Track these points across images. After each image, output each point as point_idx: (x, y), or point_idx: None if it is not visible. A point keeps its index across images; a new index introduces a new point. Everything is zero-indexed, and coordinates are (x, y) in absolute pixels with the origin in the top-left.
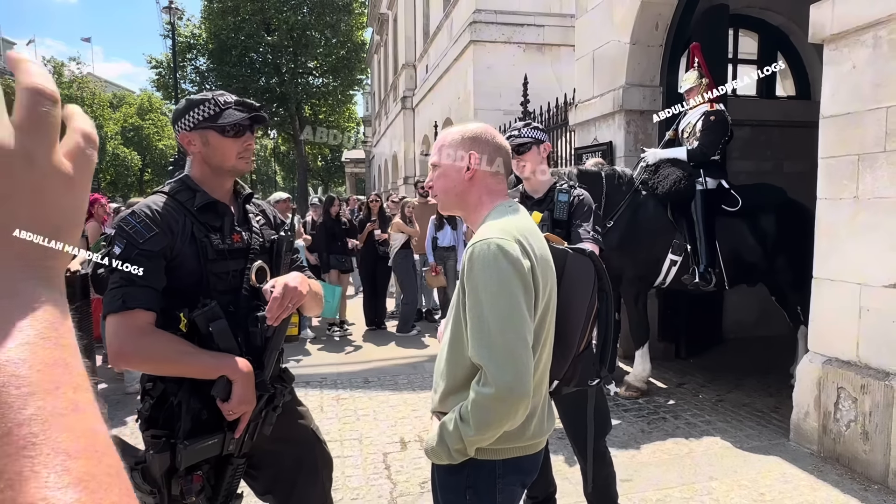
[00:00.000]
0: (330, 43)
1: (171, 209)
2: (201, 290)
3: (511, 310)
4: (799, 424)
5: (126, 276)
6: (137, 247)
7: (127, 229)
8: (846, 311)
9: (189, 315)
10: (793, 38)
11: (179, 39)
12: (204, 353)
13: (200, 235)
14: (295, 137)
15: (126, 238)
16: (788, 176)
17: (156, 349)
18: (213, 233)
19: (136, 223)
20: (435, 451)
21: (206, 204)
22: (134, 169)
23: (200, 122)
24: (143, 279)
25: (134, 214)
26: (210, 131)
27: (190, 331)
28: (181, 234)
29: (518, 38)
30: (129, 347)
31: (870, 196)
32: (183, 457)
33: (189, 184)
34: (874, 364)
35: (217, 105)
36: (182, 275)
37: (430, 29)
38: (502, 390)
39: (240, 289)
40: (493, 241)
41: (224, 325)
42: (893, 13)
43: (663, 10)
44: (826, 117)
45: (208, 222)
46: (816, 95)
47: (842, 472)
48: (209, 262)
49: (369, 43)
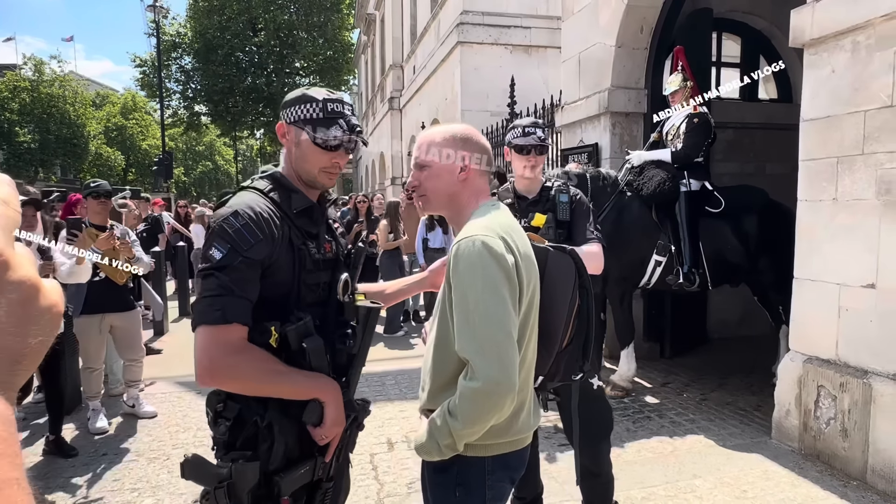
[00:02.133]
0: (317, 43)
1: (272, 212)
2: (290, 301)
3: (496, 305)
4: (780, 422)
5: (225, 284)
6: (241, 254)
7: (230, 232)
8: (826, 310)
9: (281, 329)
10: (775, 41)
11: (164, 38)
12: (297, 374)
13: (298, 243)
14: None
15: (229, 242)
16: (771, 178)
17: (250, 368)
18: (310, 240)
19: (241, 227)
20: (424, 447)
21: (306, 208)
22: (117, 169)
23: (300, 119)
24: (242, 290)
25: (237, 216)
26: (304, 133)
27: (279, 346)
28: (280, 240)
29: (505, 40)
30: (222, 365)
31: (848, 198)
32: (281, 487)
33: (284, 182)
34: (853, 363)
35: (324, 111)
36: (274, 284)
37: (417, 30)
38: (489, 384)
39: (327, 302)
40: (477, 237)
41: (320, 344)
42: (871, 19)
43: (648, 13)
44: (806, 120)
45: (305, 228)
46: (798, 98)
47: (822, 469)
48: (304, 273)
49: (356, 43)
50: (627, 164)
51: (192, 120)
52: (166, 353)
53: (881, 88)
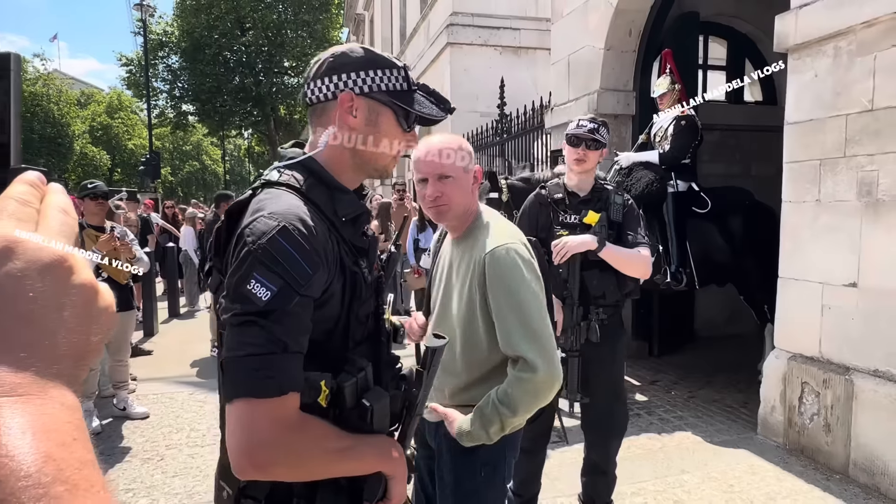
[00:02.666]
0: (306, 42)
1: (319, 223)
2: (335, 340)
3: (539, 305)
4: (766, 418)
5: (276, 337)
6: (298, 292)
7: (281, 260)
8: (809, 309)
9: (333, 383)
10: (760, 45)
11: (151, 37)
12: (363, 445)
13: (349, 263)
14: (270, 138)
15: (282, 276)
16: (756, 179)
17: (312, 450)
18: (362, 257)
19: (295, 251)
20: (471, 435)
21: (357, 215)
22: (103, 169)
23: (380, 90)
24: (297, 342)
25: (287, 235)
26: (387, 110)
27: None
28: (332, 263)
29: (494, 41)
30: (276, 451)
31: (830, 199)
32: None
33: (326, 178)
34: (835, 359)
35: (408, 81)
36: (321, 320)
37: (406, 31)
38: (546, 376)
39: (378, 336)
40: (509, 246)
41: (386, 401)
42: (852, 25)
43: (636, 17)
44: (790, 123)
45: (353, 241)
46: (782, 101)
47: (806, 464)
48: (357, 303)
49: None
50: (616, 165)
51: (179, 119)
52: (157, 354)
53: (862, 93)
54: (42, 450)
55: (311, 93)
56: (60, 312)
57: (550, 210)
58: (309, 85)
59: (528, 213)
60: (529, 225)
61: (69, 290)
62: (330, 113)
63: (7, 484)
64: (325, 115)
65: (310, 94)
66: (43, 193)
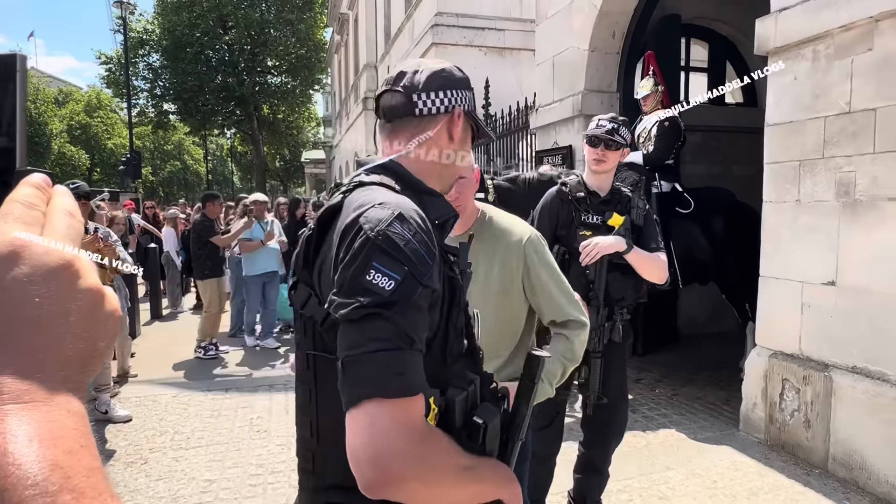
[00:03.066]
0: (289, 41)
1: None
2: (434, 354)
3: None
4: (748, 415)
5: (402, 331)
6: (420, 282)
7: (403, 247)
8: (789, 307)
9: (441, 400)
10: (740, 48)
11: (131, 35)
12: (482, 466)
13: (446, 268)
14: (253, 137)
15: (405, 263)
16: (737, 179)
17: (444, 463)
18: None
19: (415, 239)
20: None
21: (448, 220)
22: (81, 168)
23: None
24: (420, 339)
25: (405, 222)
26: (469, 128)
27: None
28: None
29: (479, 42)
30: (413, 462)
31: (810, 200)
32: None
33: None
34: (815, 357)
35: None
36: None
37: (391, 30)
38: (588, 325)
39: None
40: (535, 231)
41: (498, 419)
42: (830, 29)
43: (620, 18)
44: (770, 125)
45: (445, 248)
46: (762, 103)
47: (786, 459)
48: (456, 311)
49: (329, 43)
50: None
51: (160, 119)
52: (139, 356)
53: (840, 95)
54: (49, 458)
55: (422, 104)
56: (67, 318)
57: (572, 208)
58: (420, 96)
59: (548, 208)
60: (550, 221)
61: (76, 295)
62: (428, 124)
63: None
64: (422, 126)
65: (421, 106)
66: (49, 196)
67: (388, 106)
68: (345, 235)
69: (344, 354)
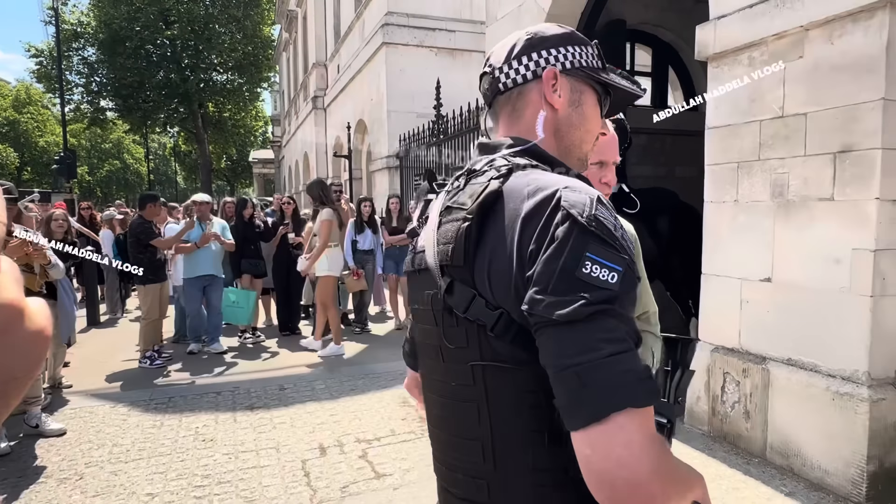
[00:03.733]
0: (235, 38)
1: None
2: None
3: None
4: (692, 408)
5: (633, 329)
6: (636, 274)
7: (616, 234)
8: (730, 303)
9: None
10: (682, 53)
11: (64, 27)
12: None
13: None
14: (198, 136)
15: (622, 251)
16: (680, 180)
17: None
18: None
19: (622, 229)
20: None
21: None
22: (10, 168)
23: (582, 66)
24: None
25: (605, 206)
26: (589, 89)
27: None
28: None
29: (430, 42)
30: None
31: (747, 200)
32: None
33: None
34: (753, 350)
35: (601, 59)
36: None
37: (341, 29)
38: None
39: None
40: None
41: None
42: (765, 37)
43: (567, 22)
44: (710, 128)
45: None
46: (703, 107)
47: (728, 449)
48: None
49: (277, 40)
50: None
51: (96, 115)
52: (74, 366)
53: (774, 100)
54: None
55: (504, 77)
56: None
57: None
58: (502, 69)
59: None
60: None
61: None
62: (528, 96)
63: None
64: (522, 100)
65: (504, 79)
66: None
67: (482, 91)
68: (531, 222)
69: (573, 362)
